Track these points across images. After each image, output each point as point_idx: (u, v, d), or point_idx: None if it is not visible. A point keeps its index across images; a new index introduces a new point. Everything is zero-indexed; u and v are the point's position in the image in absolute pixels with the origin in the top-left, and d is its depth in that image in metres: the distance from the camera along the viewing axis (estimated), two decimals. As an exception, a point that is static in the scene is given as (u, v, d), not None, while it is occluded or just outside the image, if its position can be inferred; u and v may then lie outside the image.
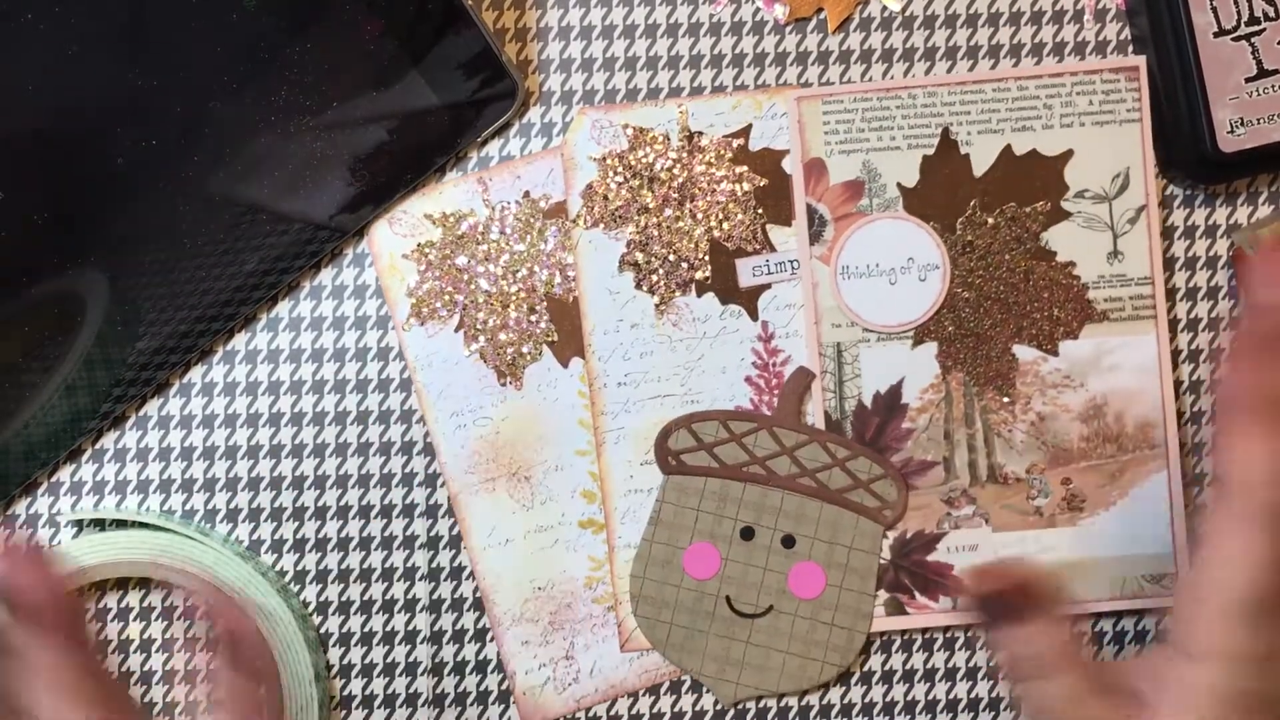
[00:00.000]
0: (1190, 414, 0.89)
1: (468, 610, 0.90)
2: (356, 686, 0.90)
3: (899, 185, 0.88)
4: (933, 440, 0.87)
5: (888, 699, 0.90)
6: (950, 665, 0.89)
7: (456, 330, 0.89)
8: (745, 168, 0.88)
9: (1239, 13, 0.85)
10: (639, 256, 0.88)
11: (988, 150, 0.87)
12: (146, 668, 0.90)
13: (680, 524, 0.88)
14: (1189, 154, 0.86)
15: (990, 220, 0.87)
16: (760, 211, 0.88)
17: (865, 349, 0.87)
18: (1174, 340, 0.89)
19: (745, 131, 0.89)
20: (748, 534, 0.88)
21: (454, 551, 0.89)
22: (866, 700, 0.89)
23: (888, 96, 0.88)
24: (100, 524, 0.90)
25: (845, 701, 0.89)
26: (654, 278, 0.88)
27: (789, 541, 0.87)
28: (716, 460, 0.88)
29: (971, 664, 0.89)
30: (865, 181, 0.87)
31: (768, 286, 0.88)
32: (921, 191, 0.88)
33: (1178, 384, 0.89)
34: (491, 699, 0.90)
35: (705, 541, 0.88)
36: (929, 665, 0.90)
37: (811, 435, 0.87)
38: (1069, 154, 0.88)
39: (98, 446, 0.90)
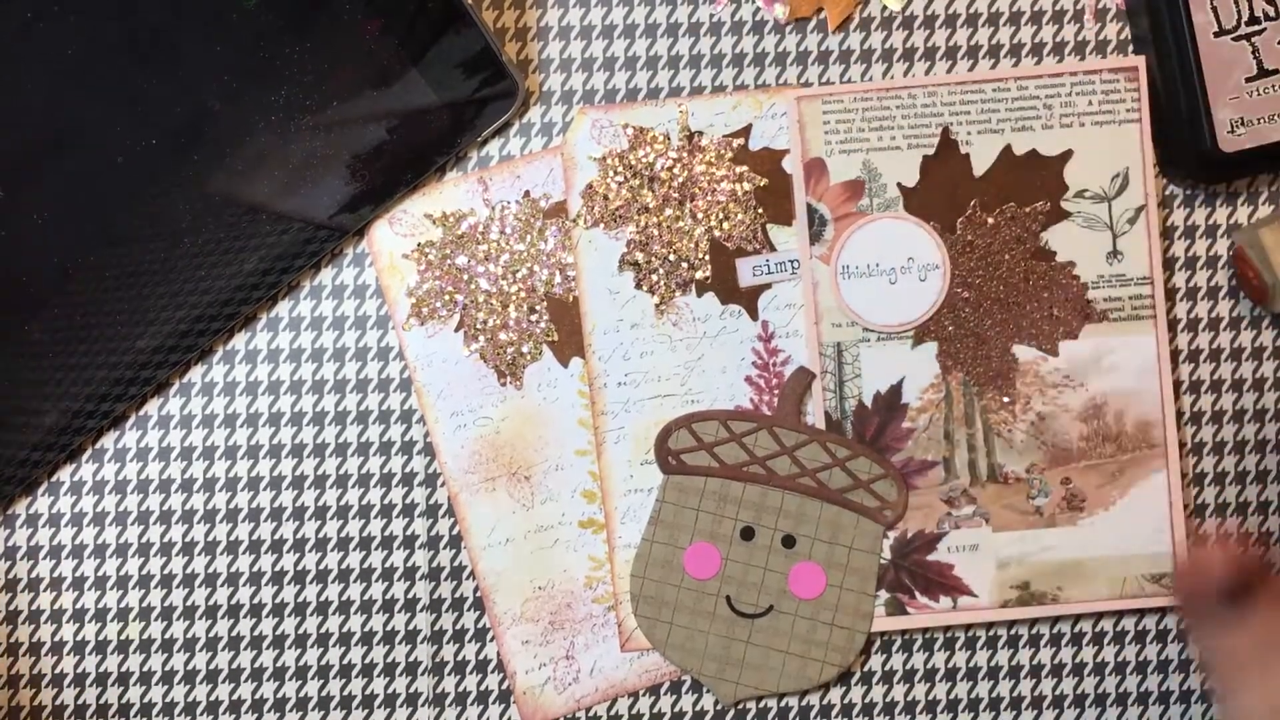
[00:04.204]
0: (1190, 414, 0.89)
1: (468, 610, 0.90)
2: (356, 686, 0.90)
3: (899, 185, 0.88)
4: (933, 440, 0.87)
5: (888, 699, 0.90)
6: (950, 665, 0.89)
7: (456, 330, 0.89)
8: (745, 167, 0.88)
9: (1239, 13, 0.85)
10: (639, 256, 0.88)
11: (988, 150, 0.88)
12: (146, 668, 0.90)
13: (680, 524, 0.88)
14: (1189, 154, 0.86)
15: (990, 220, 0.87)
16: (760, 211, 0.88)
17: (865, 349, 0.87)
18: (1174, 340, 0.89)
19: (745, 131, 0.89)
20: (748, 534, 0.88)
21: (454, 551, 0.89)
22: (866, 700, 0.90)
23: (888, 96, 0.88)
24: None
25: (845, 701, 0.89)
26: (654, 277, 0.88)
27: (789, 541, 0.87)
28: (716, 460, 0.88)
29: (972, 664, 0.89)
30: (865, 181, 0.87)
31: (768, 286, 0.88)
32: (922, 191, 0.88)
33: (1177, 384, 0.89)
34: (491, 699, 0.90)
35: (705, 541, 0.88)
36: (929, 665, 0.90)
37: (811, 435, 0.87)
38: (1069, 154, 0.88)
39: (98, 446, 0.90)
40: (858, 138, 0.88)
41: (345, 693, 0.90)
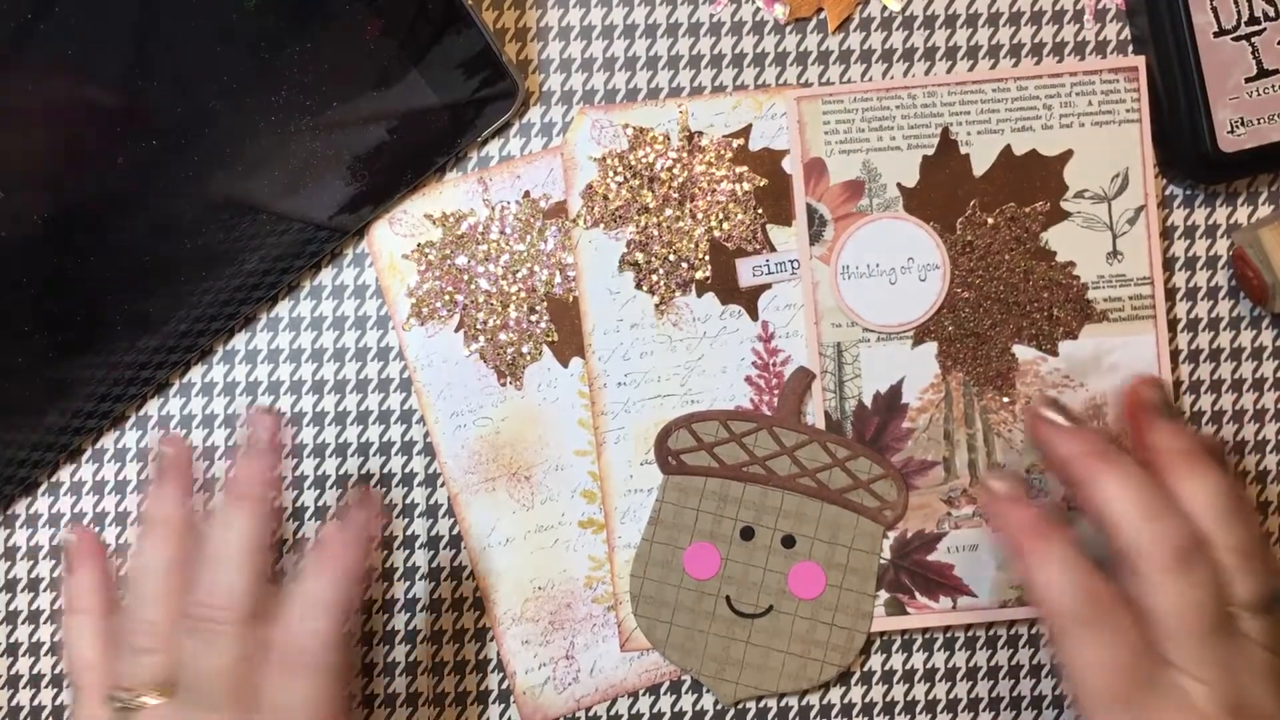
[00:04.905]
0: (1190, 414, 0.89)
1: (468, 610, 0.90)
2: (356, 686, 0.90)
3: (899, 185, 0.88)
4: (933, 440, 0.87)
5: (888, 699, 0.90)
6: (950, 665, 0.89)
7: (456, 330, 0.89)
8: (745, 168, 0.88)
9: (1239, 13, 0.85)
10: (639, 256, 0.88)
11: (987, 150, 0.88)
12: (146, 667, 0.90)
13: (680, 524, 0.88)
14: (1189, 154, 0.86)
15: (990, 220, 0.88)
16: (760, 211, 0.88)
17: (865, 349, 0.87)
18: (1174, 340, 0.89)
19: (745, 131, 0.89)
20: (748, 534, 0.88)
21: (454, 551, 0.89)
22: (866, 700, 0.90)
23: (888, 96, 0.88)
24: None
25: (845, 701, 0.89)
26: (654, 277, 0.88)
27: (789, 541, 0.88)
28: (716, 460, 0.88)
29: (972, 664, 0.89)
30: (865, 181, 0.87)
31: (768, 286, 0.88)
32: (921, 191, 0.88)
33: (1177, 384, 0.89)
34: (491, 699, 0.90)
35: (705, 541, 0.88)
36: (929, 665, 0.90)
37: (811, 435, 0.87)
38: (1068, 154, 0.88)
39: (98, 446, 0.90)
40: (857, 138, 0.88)
41: (345, 692, 0.90)
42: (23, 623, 0.90)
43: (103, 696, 0.77)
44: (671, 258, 0.89)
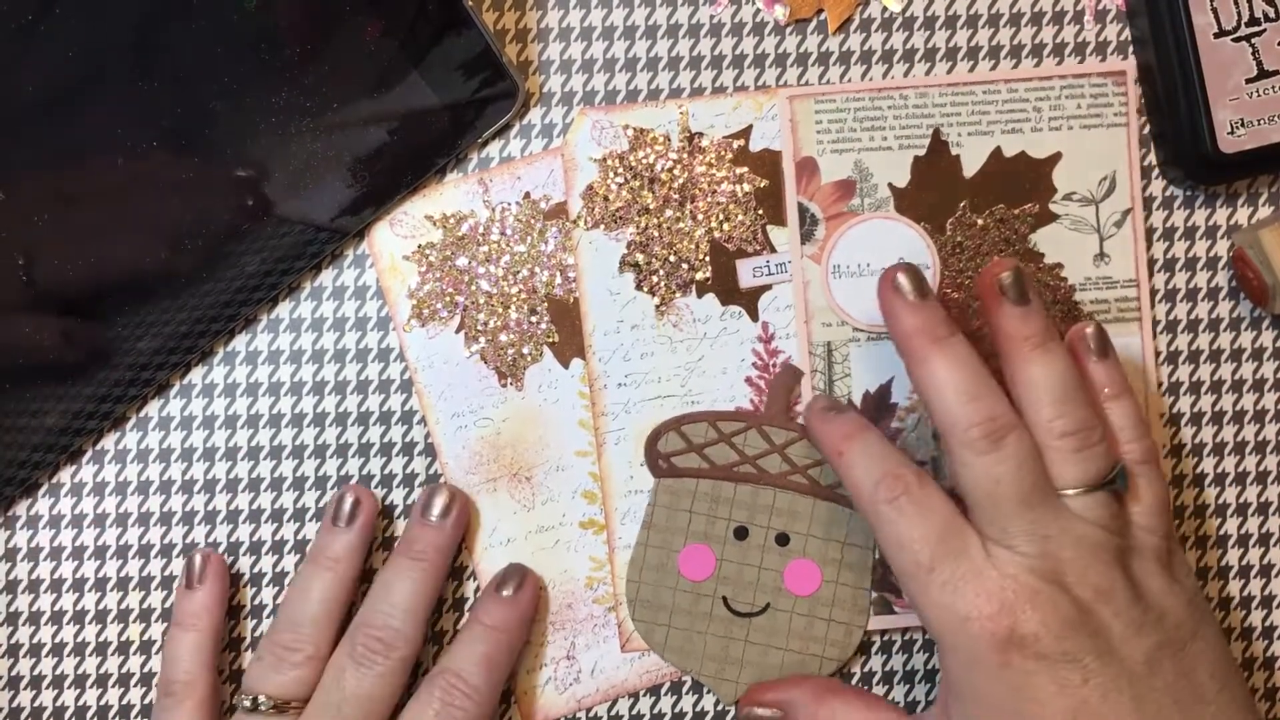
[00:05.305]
0: (1190, 414, 0.89)
1: (468, 611, 0.90)
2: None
3: (890, 185, 0.88)
4: (921, 440, 0.87)
5: (888, 699, 0.89)
6: (948, 666, 0.89)
7: (457, 331, 0.89)
8: (745, 169, 0.89)
9: (1239, 13, 0.85)
10: (639, 257, 0.89)
11: (978, 152, 0.87)
12: (146, 669, 0.90)
13: (673, 527, 0.88)
14: (1189, 154, 0.86)
15: (980, 221, 0.87)
16: (760, 212, 0.88)
17: (855, 348, 0.87)
18: (1173, 341, 0.89)
19: (745, 132, 0.89)
20: (741, 534, 0.88)
21: (454, 552, 0.89)
22: (864, 701, 0.89)
23: (879, 97, 0.88)
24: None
25: (843, 702, 0.89)
26: (654, 278, 0.89)
27: (783, 539, 0.87)
28: (707, 461, 0.88)
29: (970, 665, 0.89)
30: (856, 181, 0.87)
31: (768, 287, 0.88)
32: (912, 192, 0.88)
33: (1176, 385, 0.89)
34: (491, 699, 0.90)
35: (699, 543, 0.88)
36: (929, 665, 0.89)
37: (801, 432, 0.87)
38: (1057, 156, 0.87)
39: (98, 447, 0.90)
40: (849, 137, 0.88)
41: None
42: (23, 624, 0.90)
43: (200, 701, 0.85)
44: (672, 259, 0.89)
